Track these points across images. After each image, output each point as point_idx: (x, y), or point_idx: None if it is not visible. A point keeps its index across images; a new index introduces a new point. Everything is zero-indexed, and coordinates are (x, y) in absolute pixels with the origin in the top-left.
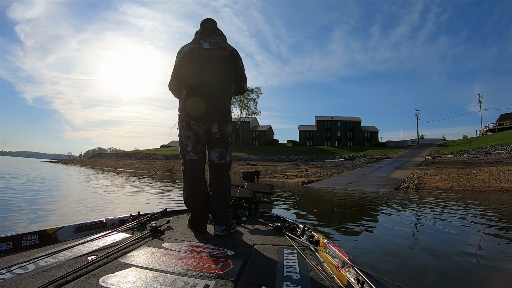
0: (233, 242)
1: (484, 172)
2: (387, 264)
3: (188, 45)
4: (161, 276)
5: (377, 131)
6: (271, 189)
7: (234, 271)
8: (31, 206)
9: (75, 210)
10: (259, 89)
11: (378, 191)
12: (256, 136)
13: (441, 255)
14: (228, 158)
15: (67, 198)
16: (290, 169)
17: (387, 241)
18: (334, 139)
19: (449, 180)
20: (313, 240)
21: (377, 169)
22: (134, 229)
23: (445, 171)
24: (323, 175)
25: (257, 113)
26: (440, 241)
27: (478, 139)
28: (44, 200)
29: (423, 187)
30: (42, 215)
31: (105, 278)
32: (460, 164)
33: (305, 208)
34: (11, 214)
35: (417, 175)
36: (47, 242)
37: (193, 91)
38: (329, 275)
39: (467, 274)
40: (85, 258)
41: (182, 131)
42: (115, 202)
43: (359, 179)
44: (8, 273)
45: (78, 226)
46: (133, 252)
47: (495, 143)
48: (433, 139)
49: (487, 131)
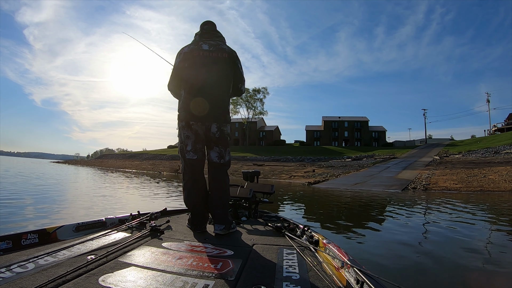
0: (232, 242)
1: (493, 172)
2: (388, 265)
3: (188, 46)
4: (161, 275)
5: (385, 131)
6: (271, 189)
7: (233, 271)
8: (37, 206)
9: (74, 210)
10: (265, 89)
11: (385, 191)
12: (263, 136)
13: (443, 257)
14: (227, 157)
15: (67, 199)
16: (296, 170)
17: (391, 242)
18: (341, 139)
19: (458, 180)
20: (313, 241)
21: (385, 169)
22: (134, 228)
23: (454, 171)
24: (330, 176)
25: (264, 113)
26: (444, 244)
27: (487, 139)
28: (44, 200)
29: (431, 187)
30: (42, 215)
31: (104, 277)
32: (469, 164)
33: (310, 208)
34: (13, 214)
35: (425, 175)
36: (46, 241)
37: (192, 91)
38: (328, 276)
39: (467, 277)
40: (85, 257)
41: (182, 131)
42: (115, 202)
43: (366, 180)
44: (7, 272)
45: (78, 225)
46: (133, 252)
47: (504, 143)
48: (441, 139)
49: (495, 130)
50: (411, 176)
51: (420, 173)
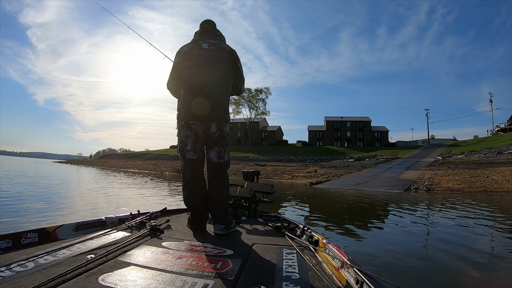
0: (232, 242)
1: (497, 173)
2: (388, 265)
3: (187, 45)
4: (160, 275)
5: (387, 131)
6: (271, 188)
7: (233, 270)
8: (40, 205)
9: (75, 210)
10: (268, 90)
11: (387, 192)
12: (265, 136)
13: (444, 258)
14: (226, 157)
15: (68, 199)
16: (299, 170)
17: (392, 242)
18: (343, 139)
19: (461, 181)
20: (313, 240)
21: (387, 169)
22: (134, 228)
23: (456, 171)
24: (332, 176)
25: (266, 113)
26: (445, 244)
27: (490, 139)
28: (48, 199)
29: (433, 188)
30: (43, 215)
31: (104, 277)
32: (472, 164)
33: (311, 209)
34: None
35: (428, 175)
36: (46, 240)
37: (192, 91)
38: (328, 275)
39: (468, 278)
40: (85, 256)
41: (181, 130)
42: (115, 201)
43: (369, 180)
44: (7, 271)
45: (78, 225)
46: (133, 251)
47: (507, 143)
48: (444, 139)
49: (498, 130)
50: (414, 176)
51: (423, 174)
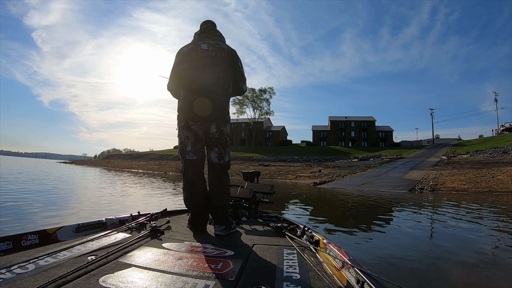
0: (233, 242)
1: (502, 173)
2: (389, 265)
3: (187, 46)
4: (161, 276)
5: (392, 131)
6: (271, 189)
7: (234, 271)
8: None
9: (75, 210)
10: (271, 90)
11: (392, 192)
12: (269, 136)
13: (445, 258)
14: (227, 158)
15: (69, 198)
16: (303, 170)
17: (393, 243)
18: (348, 139)
19: (466, 181)
20: (313, 241)
21: (392, 169)
22: (134, 229)
23: (461, 171)
24: (336, 176)
25: (270, 113)
26: (448, 245)
27: (495, 139)
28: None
29: (438, 188)
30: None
31: (104, 278)
32: (477, 164)
33: (315, 209)
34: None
35: (433, 175)
36: (47, 242)
37: (192, 91)
38: (329, 276)
39: (469, 278)
40: (85, 258)
41: (181, 131)
42: (116, 202)
43: (373, 180)
44: (8, 273)
45: (78, 226)
46: (133, 252)
47: None
48: (449, 139)
49: (503, 130)
50: (418, 176)
51: (428, 174)
